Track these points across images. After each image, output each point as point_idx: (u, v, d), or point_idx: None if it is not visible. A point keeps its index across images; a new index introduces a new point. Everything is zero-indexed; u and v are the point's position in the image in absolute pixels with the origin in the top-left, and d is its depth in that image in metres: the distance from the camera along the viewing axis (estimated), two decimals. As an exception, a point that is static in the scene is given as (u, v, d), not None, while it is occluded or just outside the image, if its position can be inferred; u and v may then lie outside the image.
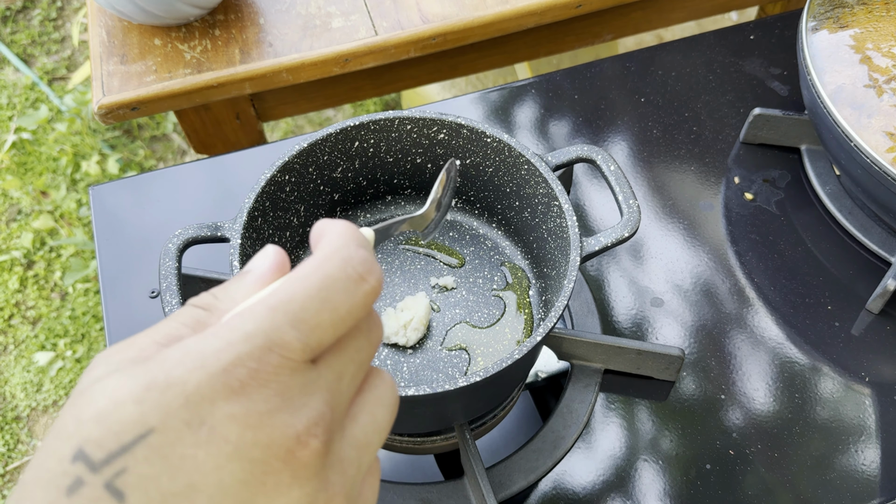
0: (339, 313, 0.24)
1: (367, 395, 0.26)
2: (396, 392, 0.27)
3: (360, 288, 0.25)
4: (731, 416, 0.62)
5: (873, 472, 0.59)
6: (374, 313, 0.27)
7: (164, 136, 1.80)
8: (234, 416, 0.22)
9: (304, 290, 0.24)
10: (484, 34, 0.87)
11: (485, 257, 0.63)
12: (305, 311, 0.23)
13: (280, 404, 0.22)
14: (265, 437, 0.22)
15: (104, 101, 0.79)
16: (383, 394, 0.27)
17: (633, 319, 0.67)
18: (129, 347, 0.23)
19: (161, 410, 0.21)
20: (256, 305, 0.23)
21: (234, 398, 0.22)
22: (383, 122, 0.58)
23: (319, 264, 0.24)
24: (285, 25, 0.85)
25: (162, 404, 0.21)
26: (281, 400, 0.22)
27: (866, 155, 0.61)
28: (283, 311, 0.23)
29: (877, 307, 0.67)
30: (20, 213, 1.68)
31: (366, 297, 0.25)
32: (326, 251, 0.25)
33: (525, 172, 0.58)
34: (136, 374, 0.22)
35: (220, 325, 0.23)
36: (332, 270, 0.24)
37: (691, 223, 0.73)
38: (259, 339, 0.22)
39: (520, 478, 0.58)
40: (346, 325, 0.24)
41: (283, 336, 0.23)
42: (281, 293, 0.24)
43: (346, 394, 0.25)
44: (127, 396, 0.21)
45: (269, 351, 0.22)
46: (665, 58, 0.85)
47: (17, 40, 1.95)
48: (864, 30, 0.68)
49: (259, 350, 0.22)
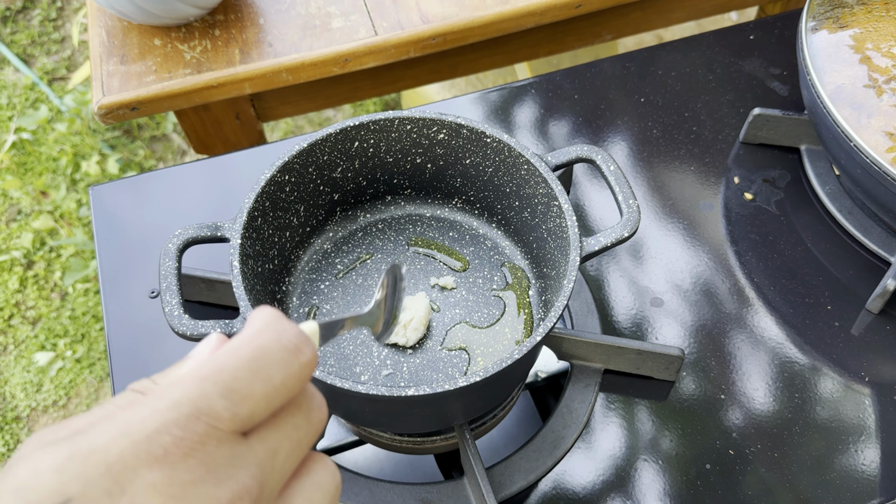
0: (272, 383, 0.23)
1: (305, 479, 0.25)
2: (338, 479, 0.26)
3: (295, 359, 0.24)
4: (731, 416, 0.62)
5: (873, 472, 0.59)
6: (317, 395, 0.26)
7: (164, 136, 1.80)
8: (156, 486, 0.21)
9: (235, 360, 0.23)
10: (484, 34, 0.87)
11: (485, 257, 0.63)
12: (236, 380, 0.23)
13: (204, 475, 0.22)
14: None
15: (104, 101, 0.79)
16: (322, 479, 0.26)
17: (632, 319, 0.67)
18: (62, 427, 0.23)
19: (81, 479, 0.21)
20: (185, 376, 0.23)
21: (157, 466, 0.21)
22: (383, 122, 0.58)
23: (251, 336, 0.24)
24: (285, 25, 0.85)
25: (82, 473, 0.21)
26: (206, 470, 0.22)
27: (866, 155, 0.61)
28: (213, 380, 0.23)
29: (876, 307, 0.67)
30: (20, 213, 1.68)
31: (301, 368, 0.24)
32: (258, 325, 0.25)
33: (525, 172, 0.58)
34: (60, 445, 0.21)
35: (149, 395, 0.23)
36: (264, 342, 0.24)
37: (691, 223, 0.73)
38: (185, 407, 0.22)
39: (520, 478, 0.58)
40: (281, 397, 0.24)
41: (211, 405, 0.22)
42: (211, 364, 0.23)
43: (280, 472, 0.24)
44: (47, 467, 0.21)
45: (196, 419, 0.22)
46: (665, 58, 0.85)
47: (17, 40, 1.95)
48: (864, 30, 0.68)
49: (185, 418, 0.22)
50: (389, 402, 0.47)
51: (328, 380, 0.45)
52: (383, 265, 0.62)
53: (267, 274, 0.57)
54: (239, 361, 0.23)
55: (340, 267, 0.62)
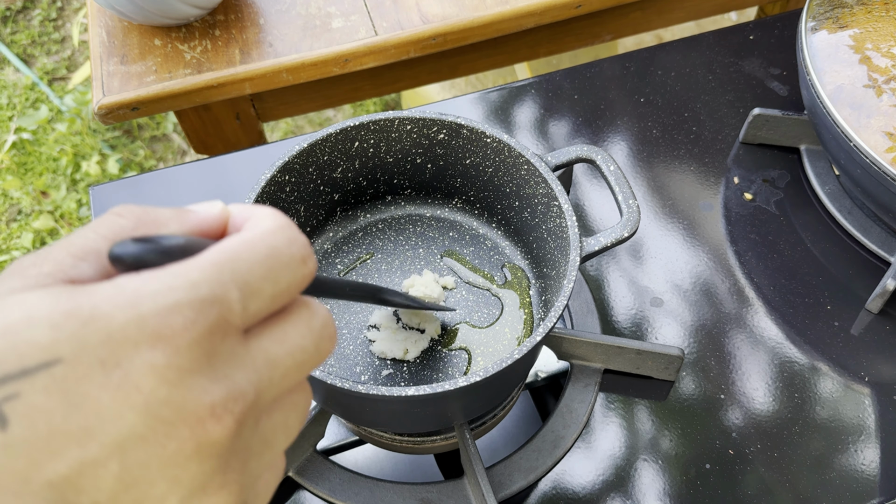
0: (279, 287, 0.23)
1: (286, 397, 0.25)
2: (310, 404, 0.26)
3: (301, 269, 0.24)
4: (730, 416, 0.62)
5: (873, 472, 0.59)
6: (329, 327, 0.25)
7: (164, 136, 1.80)
8: (154, 367, 0.20)
9: (250, 254, 0.22)
10: (484, 34, 0.87)
11: (485, 257, 0.63)
12: (251, 274, 0.22)
13: (204, 366, 0.20)
14: (179, 397, 0.20)
15: (104, 101, 0.79)
16: (299, 400, 0.25)
17: (632, 319, 0.67)
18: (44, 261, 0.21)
19: (76, 342, 0.19)
20: (201, 258, 0.22)
21: (160, 347, 0.20)
22: (383, 122, 0.58)
23: (265, 235, 0.23)
24: (285, 26, 0.85)
25: (79, 336, 0.19)
26: (206, 362, 0.21)
27: (866, 155, 0.61)
28: (231, 269, 0.22)
29: (876, 307, 0.67)
30: (20, 213, 1.68)
31: (304, 279, 0.24)
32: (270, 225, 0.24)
33: (525, 172, 0.58)
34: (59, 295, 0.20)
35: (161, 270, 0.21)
36: (278, 243, 0.23)
37: (691, 223, 0.73)
38: (203, 289, 0.21)
39: (520, 478, 0.58)
40: (281, 302, 0.23)
41: (227, 294, 0.21)
42: (228, 252, 0.22)
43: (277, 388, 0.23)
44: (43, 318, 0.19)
45: (211, 305, 0.21)
46: (665, 58, 0.85)
47: (17, 40, 1.95)
48: (864, 30, 0.68)
49: (200, 302, 0.21)
50: (389, 402, 0.47)
51: (328, 380, 0.46)
52: (383, 265, 0.62)
53: (267, 274, 0.57)
54: (255, 255, 0.22)
55: (340, 267, 0.62)
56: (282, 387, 0.23)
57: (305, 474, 0.58)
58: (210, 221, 0.25)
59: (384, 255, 0.63)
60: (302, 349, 0.24)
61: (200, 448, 0.20)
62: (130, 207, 0.24)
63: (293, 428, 0.25)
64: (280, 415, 0.24)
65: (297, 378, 0.24)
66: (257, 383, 0.22)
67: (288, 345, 0.23)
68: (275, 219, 0.24)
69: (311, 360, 0.24)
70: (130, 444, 0.20)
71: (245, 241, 0.23)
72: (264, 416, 0.23)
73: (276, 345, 0.23)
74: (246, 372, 0.22)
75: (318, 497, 0.58)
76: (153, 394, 0.20)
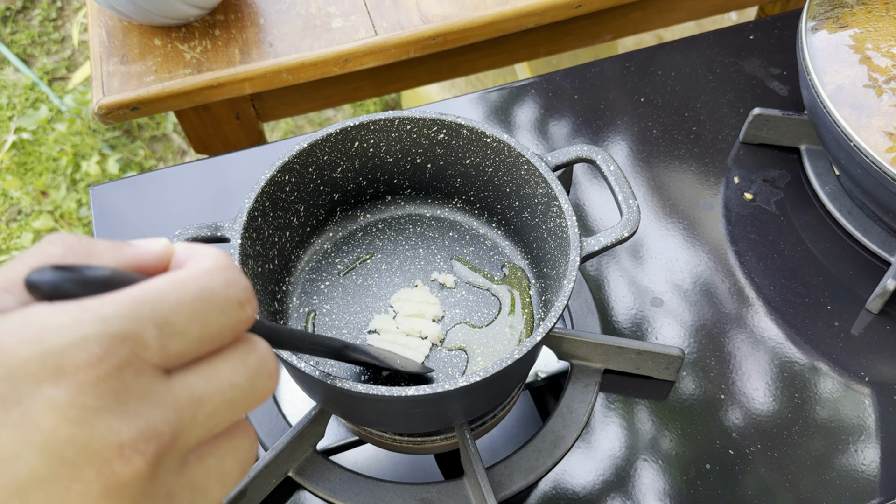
0: (208, 329, 0.22)
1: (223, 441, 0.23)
2: (254, 451, 0.24)
3: (237, 313, 0.22)
4: (730, 416, 0.62)
5: (873, 472, 0.59)
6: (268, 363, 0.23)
7: (164, 136, 1.80)
8: (55, 404, 0.19)
9: (178, 293, 0.21)
10: (484, 34, 0.87)
11: (485, 257, 0.63)
12: (174, 314, 0.21)
13: (111, 404, 0.19)
14: (83, 436, 0.19)
15: (104, 101, 0.79)
16: (240, 446, 0.23)
17: (632, 319, 0.67)
18: None
19: None
20: (121, 293, 0.21)
21: (62, 383, 0.19)
22: (383, 122, 0.58)
23: (201, 275, 0.22)
24: (285, 25, 0.85)
25: None
26: (114, 400, 0.19)
27: (866, 155, 0.61)
28: (151, 306, 0.21)
29: (876, 307, 0.67)
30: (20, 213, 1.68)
31: (239, 324, 0.23)
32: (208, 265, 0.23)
33: (525, 172, 0.58)
34: None
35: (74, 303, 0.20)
36: (213, 285, 0.22)
37: (691, 223, 0.73)
38: (113, 325, 0.20)
39: (520, 478, 0.58)
40: (210, 346, 0.22)
41: (141, 331, 0.20)
42: (152, 289, 0.21)
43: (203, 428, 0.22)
44: None
45: (121, 342, 0.20)
46: (665, 58, 0.85)
47: (17, 40, 1.95)
48: (864, 30, 0.68)
49: (110, 338, 0.20)
50: (389, 402, 0.47)
51: (328, 380, 0.46)
52: (383, 265, 0.62)
53: (267, 274, 0.57)
54: (182, 296, 0.21)
55: (340, 267, 0.62)
56: (209, 427, 0.22)
57: (305, 474, 0.58)
58: (149, 257, 0.24)
59: (384, 255, 0.63)
60: (233, 386, 0.22)
61: (108, 491, 0.19)
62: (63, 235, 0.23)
63: (231, 474, 0.23)
64: (213, 460, 0.22)
65: (229, 418, 0.23)
66: (176, 423, 0.21)
67: (217, 381, 0.22)
68: (216, 259, 0.23)
69: (244, 398, 0.23)
70: (30, 487, 0.18)
71: (175, 279, 0.22)
72: (193, 460, 0.22)
73: (203, 381, 0.22)
74: (163, 410, 0.20)
75: (318, 497, 0.58)
76: (54, 432, 0.19)
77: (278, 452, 0.55)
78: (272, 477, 0.57)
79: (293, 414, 0.61)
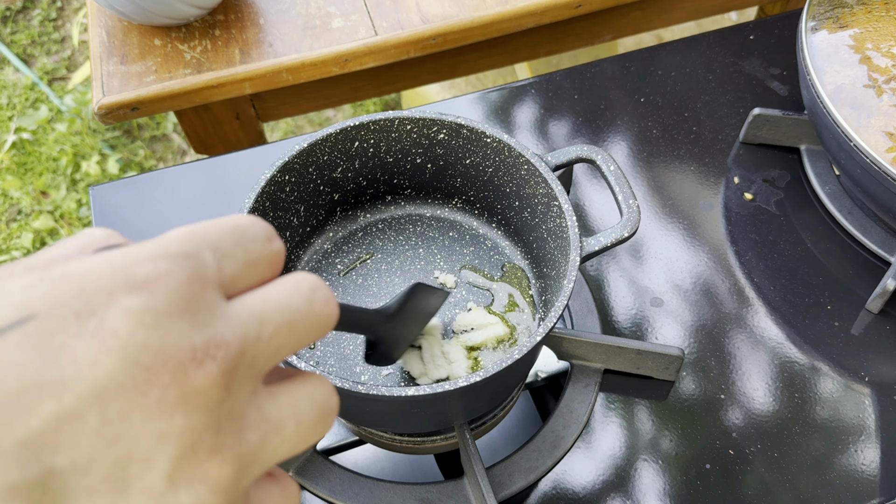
0: (250, 255, 0.23)
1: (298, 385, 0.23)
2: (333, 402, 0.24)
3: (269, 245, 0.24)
4: (730, 416, 0.62)
5: (873, 472, 0.59)
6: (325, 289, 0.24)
7: (164, 136, 1.80)
8: (129, 310, 0.19)
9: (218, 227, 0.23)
10: (484, 34, 0.87)
11: (485, 257, 0.63)
12: (221, 240, 0.22)
13: (183, 312, 0.20)
14: (157, 340, 0.19)
15: (104, 101, 0.79)
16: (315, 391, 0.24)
17: (632, 319, 0.67)
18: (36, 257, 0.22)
19: (50, 297, 0.19)
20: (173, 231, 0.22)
21: (136, 292, 0.19)
22: (383, 122, 0.58)
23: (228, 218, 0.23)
24: (285, 25, 0.85)
25: (53, 291, 0.19)
26: (185, 308, 0.20)
27: (866, 155, 0.61)
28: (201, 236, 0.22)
29: (876, 307, 0.67)
30: (20, 213, 1.68)
31: (273, 255, 0.24)
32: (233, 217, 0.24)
33: (525, 172, 0.58)
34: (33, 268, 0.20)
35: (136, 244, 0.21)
36: (241, 222, 0.23)
37: (691, 223, 0.73)
38: (175, 247, 0.21)
39: (520, 478, 0.58)
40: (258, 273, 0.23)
41: (199, 251, 0.21)
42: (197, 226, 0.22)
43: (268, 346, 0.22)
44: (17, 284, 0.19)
45: (185, 258, 0.21)
46: (665, 58, 0.85)
47: (17, 40, 1.95)
48: (864, 30, 0.68)
49: (173, 256, 0.20)
50: (389, 402, 0.47)
51: (328, 379, 0.45)
52: (383, 265, 0.62)
53: (267, 274, 0.57)
54: (222, 229, 0.23)
55: (340, 267, 0.62)
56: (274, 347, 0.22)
57: (305, 474, 0.58)
58: None
59: (384, 255, 0.63)
60: (290, 307, 0.23)
61: (185, 397, 0.19)
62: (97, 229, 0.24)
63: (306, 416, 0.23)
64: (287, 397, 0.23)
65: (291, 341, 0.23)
66: (242, 336, 0.21)
67: (274, 302, 0.22)
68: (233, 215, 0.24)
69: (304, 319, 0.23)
70: (109, 393, 0.19)
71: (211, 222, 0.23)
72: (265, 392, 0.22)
73: (260, 302, 0.22)
74: (229, 323, 0.21)
75: (318, 497, 0.58)
76: (130, 337, 0.19)
77: (278, 452, 0.55)
78: (272, 477, 0.57)
79: (293, 414, 0.61)
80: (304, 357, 0.58)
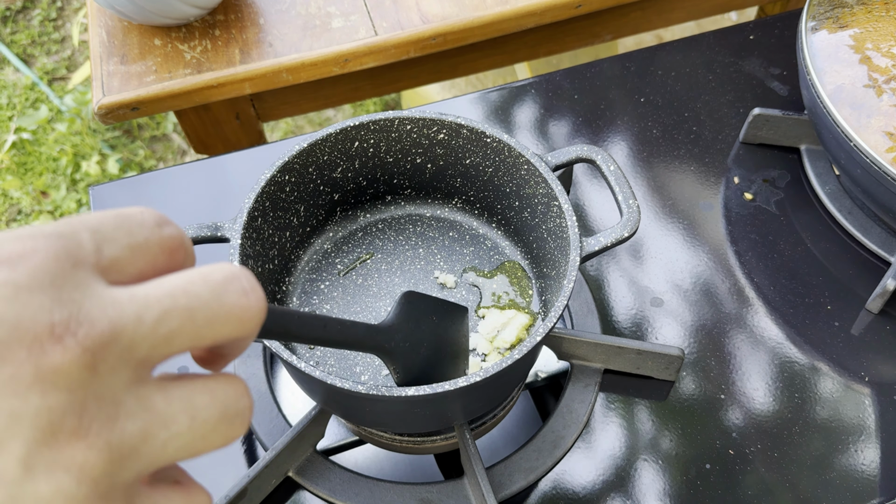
0: (135, 239, 0.22)
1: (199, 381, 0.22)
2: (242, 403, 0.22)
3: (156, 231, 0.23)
4: (730, 416, 0.62)
5: (873, 472, 0.59)
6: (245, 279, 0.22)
7: (164, 136, 1.80)
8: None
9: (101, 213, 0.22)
10: (484, 34, 0.87)
11: (485, 257, 0.63)
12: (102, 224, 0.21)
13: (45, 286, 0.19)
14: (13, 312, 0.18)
15: (104, 101, 0.79)
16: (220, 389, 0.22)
17: (632, 319, 0.67)
18: None
19: None
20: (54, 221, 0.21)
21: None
22: (383, 122, 0.58)
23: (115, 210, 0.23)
24: (285, 25, 0.85)
25: None
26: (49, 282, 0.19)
27: (866, 155, 0.61)
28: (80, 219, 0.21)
29: (876, 307, 0.67)
30: (20, 213, 1.68)
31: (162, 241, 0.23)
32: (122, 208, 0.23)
33: (525, 172, 0.58)
34: None
35: None
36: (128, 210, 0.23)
37: (691, 223, 0.73)
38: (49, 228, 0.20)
39: (520, 478, 0.58)
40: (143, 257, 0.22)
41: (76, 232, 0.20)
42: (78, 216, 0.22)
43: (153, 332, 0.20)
44: None
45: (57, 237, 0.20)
46: (665, 58, 0.85)
47: (17, 40, 1.95)
48: (864, 30, 0.68)
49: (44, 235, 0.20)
50: (389, 402, 0.47)
51: (328, 380, 0.45)
52: (383, 265, 0.62)
53: (267, 274, 0.57)
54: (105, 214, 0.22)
55: (340, 267, 0.62)
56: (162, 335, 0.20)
57: (305, 474, 0.58)
58: None
59: (384, 255, 0.63)
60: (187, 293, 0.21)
61: (41, 375, 0.18)
62: None
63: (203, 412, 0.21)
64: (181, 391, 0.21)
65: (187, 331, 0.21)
66: (115, 316, 0.19)
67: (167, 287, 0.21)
68: None
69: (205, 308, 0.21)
70: None
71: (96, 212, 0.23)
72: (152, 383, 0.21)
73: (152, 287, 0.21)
74: (100, 302, 0.19)
75: (318, 497, 0.58)
76: None
77: (278, 452, 0.55)
78: (272, 477, 0.57)
79: (293, 414, 0.61)
80: (305, 357, 0.58)
